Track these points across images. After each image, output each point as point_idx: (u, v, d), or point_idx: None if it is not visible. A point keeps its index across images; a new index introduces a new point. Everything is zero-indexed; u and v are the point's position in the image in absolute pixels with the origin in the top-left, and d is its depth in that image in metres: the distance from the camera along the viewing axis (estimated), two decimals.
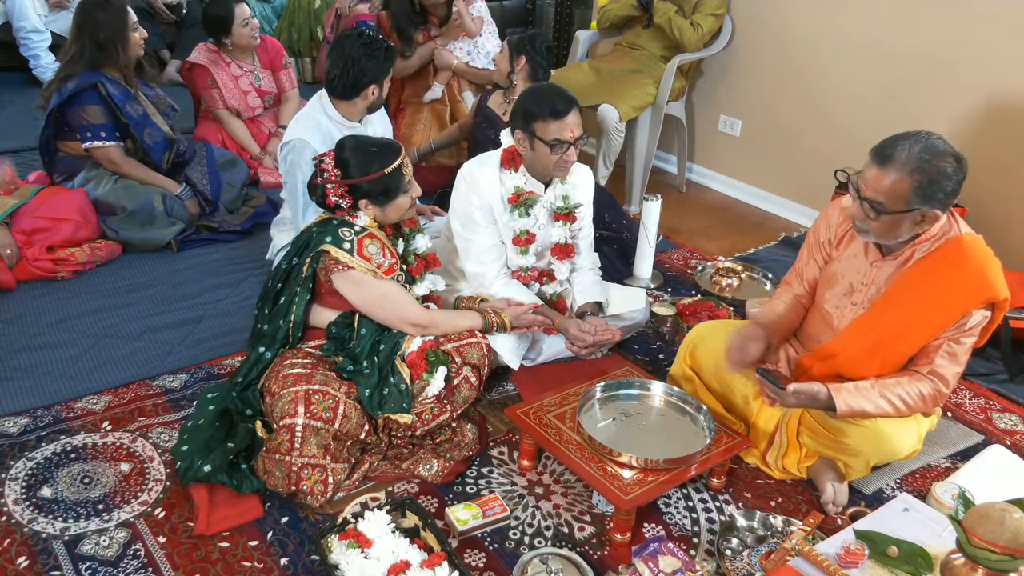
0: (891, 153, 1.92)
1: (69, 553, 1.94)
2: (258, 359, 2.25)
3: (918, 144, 1.91)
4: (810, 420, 2.20)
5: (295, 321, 2.27)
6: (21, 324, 2.85)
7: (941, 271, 2.02)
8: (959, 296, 2.01)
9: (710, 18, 3.95)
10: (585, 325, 2.45)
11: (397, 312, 2.28)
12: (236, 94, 4.12)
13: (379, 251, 2.29)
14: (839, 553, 1.79)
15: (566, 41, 5.34)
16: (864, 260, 2.16)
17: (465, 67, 4.10)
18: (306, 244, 2.27)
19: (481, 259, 2.61)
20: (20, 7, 5.03)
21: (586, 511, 2.15)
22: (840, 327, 2.19)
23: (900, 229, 1.99)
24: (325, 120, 2.85)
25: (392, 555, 1.83)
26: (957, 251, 2.03)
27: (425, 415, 2.21)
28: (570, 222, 2.68)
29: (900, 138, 1.94)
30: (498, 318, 2.44)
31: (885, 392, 2.05)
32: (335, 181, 2.23)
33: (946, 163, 1.90)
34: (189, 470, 2.09)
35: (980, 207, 3.33)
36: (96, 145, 3.35)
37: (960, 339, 2.05)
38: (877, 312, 2.10)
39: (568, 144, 2.46)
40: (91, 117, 3.32)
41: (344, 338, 2.27)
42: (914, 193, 1.91)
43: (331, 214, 2.31)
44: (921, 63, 3.50)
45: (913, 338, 2.07)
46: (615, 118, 3.83)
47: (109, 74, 3.33)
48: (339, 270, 2.22)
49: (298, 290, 2.26)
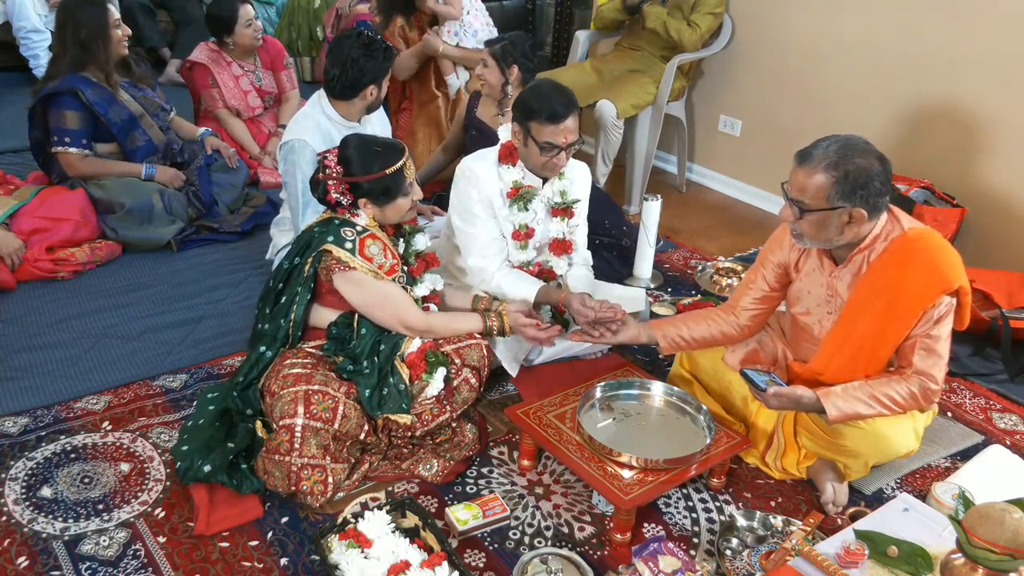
0: (810, 152, 1.97)
1: (69, 553, 1.94)
2: (259, 358, 2.25)
3: (837, 143, 1.95)
4: (807, 422, 2.20)
5: (295, 320, 2.26)
6: (21, 324, 2.85)
7: (892, 273, 2.02)
8: (915, 293, 2.00)
9: (708, 17, 3.95)
10: (589, 300, 2.44)
11: (396, 314, 2.28)
12: (236, 94, 4.12)
13: (380, 252, 2.29)
14: (839, 553, 1.79)
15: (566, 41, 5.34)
16: (822, 273, 2.16)
17: (454, 50, 4.00)
18: (308, 244, 2.27)
19: (483, 253, 2.61)
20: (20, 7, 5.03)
21: (586, 511, 2.15)
22: (822, 336, 2.20)
23: (829, 230, 1.99)
24: (324, 120, 2.85)
25: (392, 555, 1.83)
26: (903, 249, 2.02)
27: (425, 416, 2.21)
28: (568, 217, 2.68)
29: (822, 139, 1.98)
30: (498, 321, 2.41)
31: (874, 392, 2.04)
32: (336, 178, 2.23)
33: (865, 160, 1.92)
34: (189, 470, 2.09)
35: (980, 207, 3.34)
36: (60, 150, 3.34)
37: (931, 333, 2.03)
38: (845, 324, 2.11)
39: (559, 149, 2.46)
40: (67, 122, 3.31)
41: (344, 338, 2.27)
42: (834, 189, 1.93)
43: (332, 213, 2.31)
44: (921, 63, 3.50)
45: (885, 342, 2.07)
46: (612, 113, 3.83)
47: (93, 75, 3.32)
48: (340, 270, 2.22)
49: (299, 289, 2.26)
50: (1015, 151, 3.30)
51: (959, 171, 3.43)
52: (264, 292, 2.35)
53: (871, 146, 1.97)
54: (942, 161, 3.47)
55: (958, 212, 3.28)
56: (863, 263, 2.07)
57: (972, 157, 3.42)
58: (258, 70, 4.20)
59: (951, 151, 3.46)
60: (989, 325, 2.89)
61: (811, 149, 1.97)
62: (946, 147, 3.48)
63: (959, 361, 2.84)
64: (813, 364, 2.19)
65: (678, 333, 2.34)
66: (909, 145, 3.55)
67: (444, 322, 2.37)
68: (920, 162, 3.47)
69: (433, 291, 2.45)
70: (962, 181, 3.41)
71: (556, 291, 2.59)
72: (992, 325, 2.89)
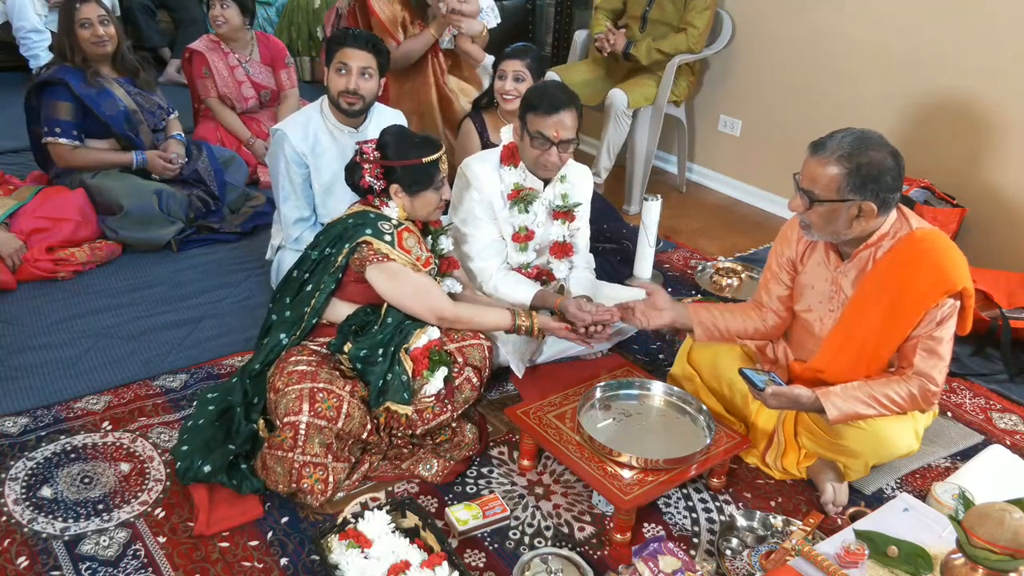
0: (824, 142, 1.97)
1: (69, 553, 1.94)
2: (277, 344, 2.26)
3: (852, 135, 1.96)
4: (807, 422, 2.20)
5: (314, 307, 2.28)
6: (21, 324, 2.85)
7: (897, 271, 2.02)
8: (919, 293, 2.00)
9: (705, 13, 3.93)
10: (585, 304, 2.44)
11: (428, 304, 2.29)
12: (230, 82, 4.14)
13: (416, 244, 2.32)
14: (839, 553, 1.79)
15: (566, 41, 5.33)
16: (827, 268, 2.16)
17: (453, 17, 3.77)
18: (340, 235, 2.27)
19: (483, 255, 2.61)
20: (20, 7, 5.03)
21: (586, 511, 2.15)
22: (822, 334, 2.20)
23: (837, 223, 2.00)
24: (318, 120, 2.84)
25: (392, 555, 1.83)
26: (910, 248, 2.02)
27: (426, 414, 2.21)
28: (569, 220, 2.68)
29: (838, 131, 1.99)
30: (528, 321, 2.39)
31: (874, 392, 2.04)
32: (372, 161, 2.26)
33: (879, 154, 1.92)
34: (189, 470, 2.09)
35: (980, 207, 3.34)
36: (50, 140, 3.35)
37: (933, 335, 2.03)
38: (848, 321, 2.11)
39: (550, 143, 2.45)
40: (59, 112, 3.32)
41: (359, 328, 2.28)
42: (845, 181, 1.93)
43: (363, 205, 2.33)
44: (921, 63, 3.50)
45: (887, 341, 2.07)
46: (623, 102, 3.84)
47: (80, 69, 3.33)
48: (377, 261, 2.23)
49: (325, 278, 2.27)
50: (1015, 151, 3.30)
51: (959, 171, 3.43)
52: (284, 281, 2.36)
53: (886, 141, 1.96)
54: (942, 161, 3.47)
55: (958, 212, 3.28)
56: (869, 260, 2.08)
57: (972, 157, 3.42)
58: (254, 62, 4.22)
59: (951, 151, 3.46)
60: (989, 325, 2.89)
61: (826, 140, 1.97)
62: (946, 147, 3.48)
63: (959, 361, 2.84)
64: (814, 362, 2.19)
65: (714, 323, 2.35)
66: (909, 144, 3.53)
67: (473, 313, 2.38)
68: (920, 162, 3.47)
69: (451, 294, 2.45)
70: (962, 181, 3.41)
71: (553, 295, 2.58)
72: (992, 325, 2.89)
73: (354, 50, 2.72)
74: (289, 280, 2.35)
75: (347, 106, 2.77)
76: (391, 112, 3.06)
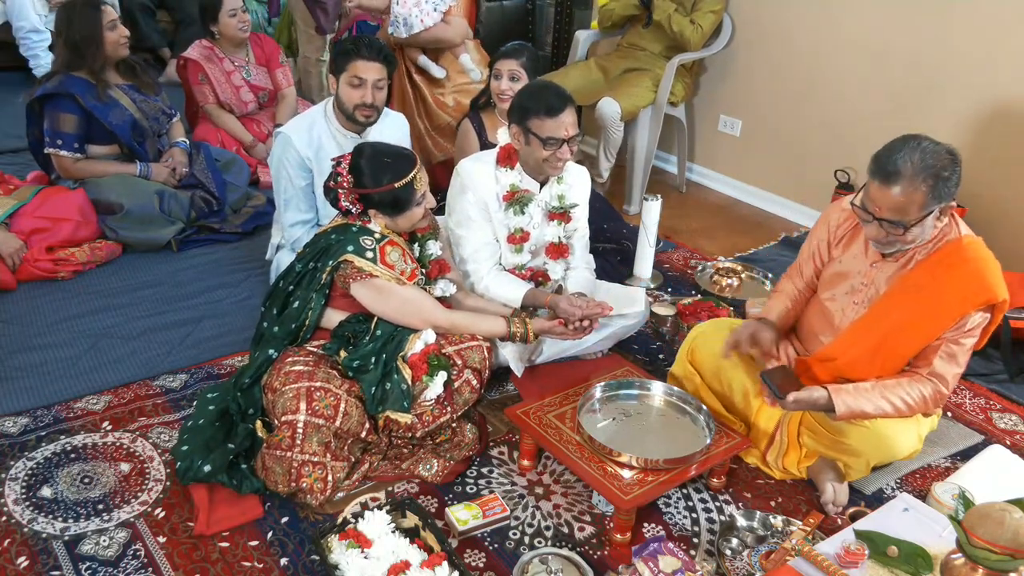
0: (895, 169, 1.90)
1: (69, 553, 1.94)
2: (266, 360, 2.25)
3: (915, 151, 1.90)
4: (810, 420, 2.21)
5: (308, 325, 2.28)
6: (21, 324, 2.85)
7: (940, 273, 2.03)
8: (958, 298, 2.01)
9: (710, 15, 3.95)
10: (576, 300, 2.44)
11: (419, 315, 2.29)
12: (228, 89, 4.13)
13: (400, 257, 2.30)
14: (839, 553, 1.79)
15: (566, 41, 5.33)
16: (864, 261, 2.16)
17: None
18: (324, 251, 2.26)
19: (475, 257, 2.61)
20: (20, 7, 5.03)
21: (586, 511, 2.15)
22: (841, 325, 2.19)
23: (925, 231, 2.01)
24: (322, 122, 2.83)
25: (392, 555, 1.83)
26: (956, 253, 2.03)
27: (426, 417, 2.21)
28: (565, 222, 2.68)
29: (895, 151, 1.92)
30: (522, 328, 2.39)
31: (885, 393, 2.05)
32: (347, 188, 2.24)
33: (945, 160, 1.92)
34: (189, 470, 2.09)
35: (980, 207, 3.33)
36: (52, 151, 3.34)
37: (959, 340, 2.05)
38: (876, 315, 2.10)
39: (562, 142, 2.46)
40: (63, 125, 3.31)
41: (351, 337, 2.27)
42: (928, 197, 1.92)
43: (345, 219, 2.31)
44: (921, 63, 3.50)
45: (913, 340, 2.07)
46: (615, 112, 3.82)
47: (90, 78, 3.31)
48: (360, 278, 2.23)
49: (313, 295, 2.26)
50: (1015, 151, 3.30)
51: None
52: (272, 291, 2.36)
53: (938, 143, 1.94)
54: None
55: (958, 212, 3.27)
56: (912, 258, 2.08)
57: (972, 156, 3.40)
58: (250, 65, 4.20)
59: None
60: None
61: (894, 166, 1.90)
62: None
63: None
64: (829, 349, 2.18)
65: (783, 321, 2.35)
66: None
67: (468, 321, 2.38)
68: None
69: (443, 297, 2.45)
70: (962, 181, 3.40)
71: (544, 293, 2.59)
72: None
73: (367, 63, 2.69)
74: (276, 290, 2.34)
75: (364, 119, 2.76)
76: (394, 115, 3.05)
